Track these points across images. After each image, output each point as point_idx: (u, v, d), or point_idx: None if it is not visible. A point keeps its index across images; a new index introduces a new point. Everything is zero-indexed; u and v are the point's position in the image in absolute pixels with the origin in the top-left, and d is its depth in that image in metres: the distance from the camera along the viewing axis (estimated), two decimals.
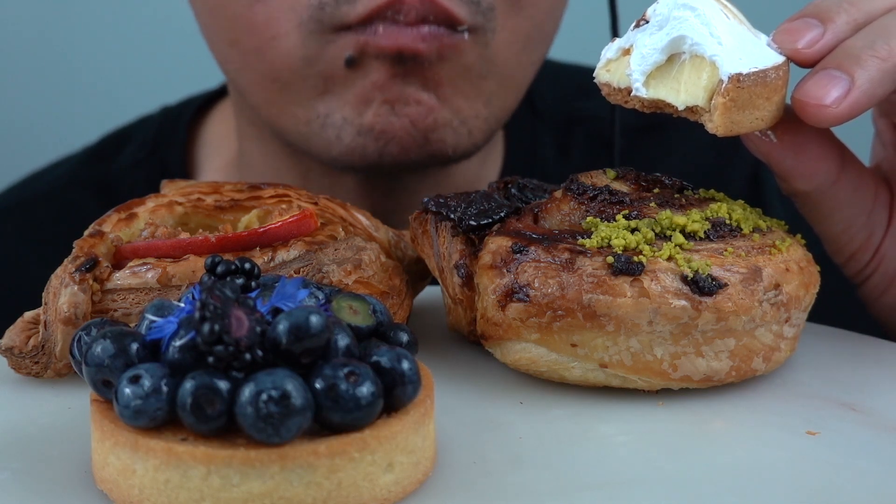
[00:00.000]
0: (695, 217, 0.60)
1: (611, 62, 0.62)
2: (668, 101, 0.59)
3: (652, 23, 0.60)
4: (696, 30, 0.59)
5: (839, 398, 0.59)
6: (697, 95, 0.59)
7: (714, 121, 0.58)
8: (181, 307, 0.49)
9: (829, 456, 0.53)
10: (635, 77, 0.60)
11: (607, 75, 0.62)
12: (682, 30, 0.59)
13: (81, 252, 0.61)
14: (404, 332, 0.52)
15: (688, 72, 0.59)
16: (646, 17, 0.60)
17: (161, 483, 0.46)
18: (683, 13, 0.59)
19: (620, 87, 0.61)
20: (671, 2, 0.60)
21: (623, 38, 0.61)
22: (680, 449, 0.54)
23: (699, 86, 0.59)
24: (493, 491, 0.50)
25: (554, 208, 0.62)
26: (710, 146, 1.02)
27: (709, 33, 0.59)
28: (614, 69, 0.61)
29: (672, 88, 0.59)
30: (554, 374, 0.59)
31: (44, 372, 0.60)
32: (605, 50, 0.62)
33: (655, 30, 0.59)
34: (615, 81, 0.61)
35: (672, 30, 0.59)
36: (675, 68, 0.60)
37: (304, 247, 0.61)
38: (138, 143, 1.03)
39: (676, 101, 0.59)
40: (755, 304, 0.57)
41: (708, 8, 0.59)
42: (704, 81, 0.58)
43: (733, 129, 0.59)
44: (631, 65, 0.60)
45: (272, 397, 0.45)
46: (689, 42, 0.59)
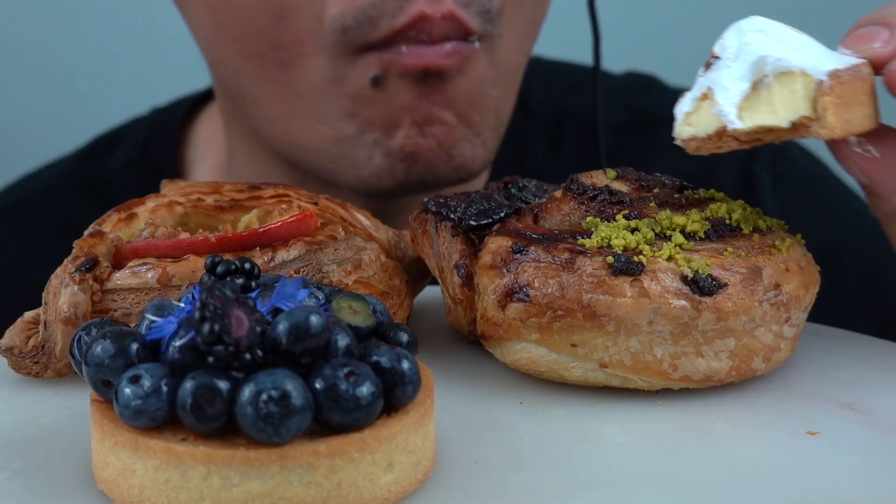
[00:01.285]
0: (695, 217, 0.60)
1: (689, 115, 0.59)
2: (770, 125, 0.57)
3: (724, 57, 0.58)
4: (773, 46, 0.57)
5: (839, 398, 0.59)
6: (799, 107, 0.56)
7: (828, 123, 0.55)
8: (181, 307, 0.49)
9: (829, 456, 0.53)
10: (727, 111, 0.57)
11: (690, 129, 0.59)
12: (760, 50, 0.57)
13: (81, 252, 0.61)
14: (404, 332, 0.52)
15: (777, 91, 0.57)
16: (715, 55, 0.59)
17: (161, 483, 0.46)
18: (754, 37, 0.57)
19: (710, 133, 0.58)
20: (737, 32, 0.58)
21: (695, 88, 0.59)
22: (680, 449, 0.54)
23: (797, 98, 0.56)
24: (493, 491, 0.50)
25: (554, 208, 0.62)
26: None
27: (786, 47, 0.57)
28: (695, 121, 0.59)
29: (768, 112, 0.57)
30: (554, 374, 0.59)
31: (44, 372, 0.60)
32: (679, 106, 0.60)
33: (731, 62, 0.58)
34: (701, 131, 0.58)
35: (749, 55, 0.57)
36: (763, 93, 0.57)
37: (304, 247, 0.61)
38: (129, 144, 1.03)
39: (778, 121, 0.57)
40: (755, 304, 0.57)
41: (774, 27, 0.58)
42: (801, 92, 0.56)
43: (848, 128, 0.56)
44: (718, 102, 0.57)
45: (272, 397, 0.45)
46: (771, 60, 0.57)
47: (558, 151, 1.03)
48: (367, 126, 0.81)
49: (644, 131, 1.05)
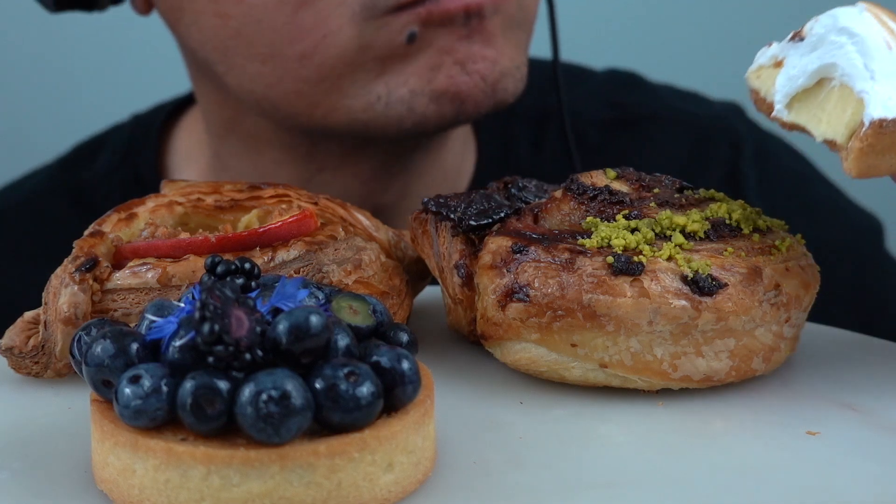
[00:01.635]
0: (695, 217, 0.60)
1: (763, 69, 0.59)
2: (808, 129, 0.56)
3: (806, 41, 0.56)
4: (850, 59, 0.55)
5: (839, 398, 0.59)
6: (838, 131, 0.55)
7: (848, 163, 0.54)
8: (181, 307, 0.49)
9: (829, 456, 0.53)
10: (779, 98, 0.57)
11: (757, 81, 0.59)
12: (836, 57, 0.55)
13: (81, 252, 0.61)
14: (404, 332, 0.52)
15: (834, 102, 0.56)
16: (802, 34, 0.57)
17: (161, 483, 0.46)
18: (840, 38, 0.55)
19: (767, 100, 0.58)
20: (830, 23, 0.56)
21: (777, 48, 0.58)
22: (680, 449, 0.54)
23: (842, 120, 0.55)
24: (493, 491, 0.50)
25: (554, 208, 0.62)
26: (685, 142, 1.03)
27: (863, 65, 0.55)
28: (765, 77, 0.59)
29: (814, 115, 0.56)
30: (554, 374, 0.59)
31: (44, 372, 0.60)
32: (759, 54, 0.59)
33: (808, 51, 0.56)
34: (763, 91, 0.59)
35: (825, 55, 0.56)
36: (823, 94, 0.56)
37: (304, 247, 0.61)
38: (111, 151, 1.03)
39: (816, 132, 0.56)
40: (755, 304, 0.57)
41: (870, 35, 0.55)
42: (848, 117, 0.55)
43: (869, 172, 0.55)
44: (776, 83, 0.57)
45: (272, 397, 0.45)
46: (840, 71, 0.55)
47: (541, 150, 1.03)
48: (397, 82, 0.83)
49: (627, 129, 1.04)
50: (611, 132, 1.04)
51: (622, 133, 1.04)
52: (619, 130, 1.04)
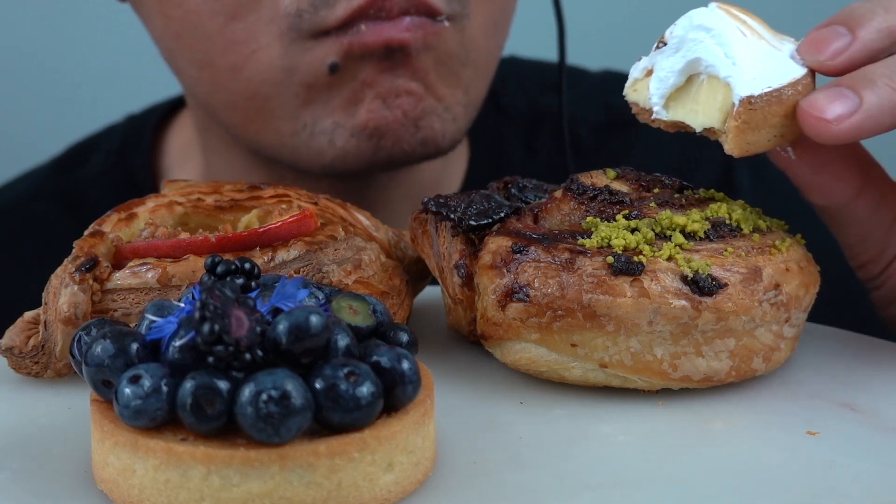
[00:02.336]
0: (695, 217, 0.60)
1: (637, 82, 0.62)
2: (687, 123, 0.60)
3: (669, 45, 0.60)
4: (711, 51, 0.59)
5: (839, 398, 0.59)
6: (713, 117, 0.59)
7: (728, 143, 0.58)
8: (181, 307, 0.49)
9: (829, 456, 0.53)
10: (655, 101, 0.60)
11: (635, 95, 0.62)
12: (697, 52, 0.59)
13: (81, 252, 0.61)
14: (404, 332, 0.52)
15: (705, 93, 0.59)
16: (664, 40, 0.61)
17: (161, 483, 0.46)
18: (698, 35, 0.59)
19: (646, 108, 0.61)
20: (687, 24, 0.60)
21: (646, 59, 0.62)
22: (680, 449, 0.54)
23: (715, 107, 0.59)
24: (493, 491, 0.50)
25: (554, 208, 0.62)
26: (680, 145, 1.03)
27: (723, 54, 0.58)
28: (640, 89, 0.62)
29: (691, 110, 0.60)
30: (554, 374, 0.59)
31: (44, 372, 0.60)
32: (632, 70, 0.62)
33: (672, 52, 0.60)
34: (641, 101, 0.62)
35: (688, 52, 0.59)
36: (694, 89, 0.60)
37: (304, 247, 0.61)
38: (104, 153, 1.03)
39: (694, 123, 0.60)
40: (755, 304, 0.57)
41: (724, 26, 0.59)
42: (720, 103, 0.59)
43: (749, 149, 0.59)
44: (650, 88, 0.61)
45: (272, 397, 0.45)
46: (704, 64, 0.59)
47: (534, 152, 1.03)
48: (323, 112, 0.81)
49: (621, 130, 1.04)
50: (605, 134, 1.04)
51: (616, 135, 1.04)
52: (612, 132, 1.04)
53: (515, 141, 1.03)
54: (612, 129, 1.04)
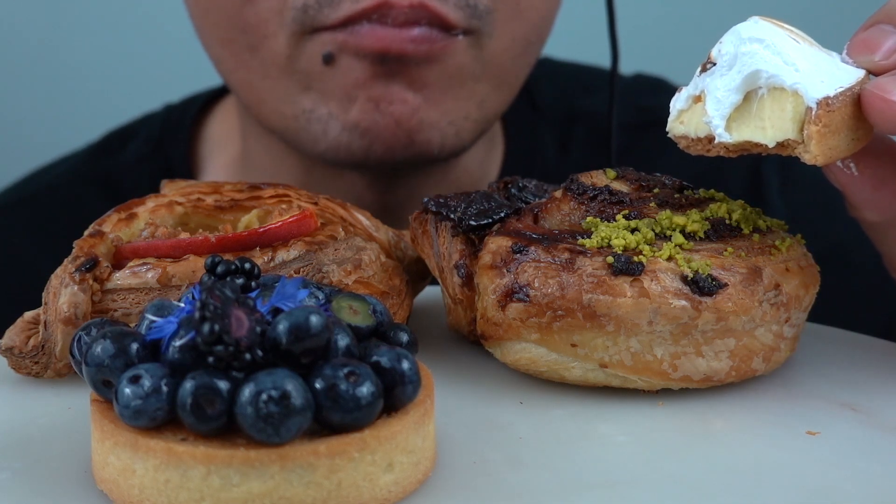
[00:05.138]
0: (695, 217, 0.60)
1: (683, 113, 0.59)
2: (756, 141, 0.56)
3: (720, 64, 0.57)
4: (769, 61, 0.56)
5: (839, 398, 0.59)
6: (786, 129, 0.56)
7: (811, 151, 0.55)
8: (181, 307, 0.49)
9: (829, 456, 0.53)
10: (715, 123, 0.57)
11: (682, 127, 0.59)
12: (755, 64, 0.56)
13: (81, 252, 0.61)
14: (404, 332, 0.52)
15: (769, 106, 0.56)
16: (711, 60, 0.58)
17: (161, 483, 0.46)
18: (751, 47, 0.56)
19: (700, 137, 0.58)
20: (735, 39, 0.57)
21: (690, 86, 0.59)
22: (680, 449, 0.54)
23: (785, 118, 0.56)
24: (493, 491, 0.50)
25: (554, 208, 0.62)
26: None
27: (782, 62, 0.56)
28: (688, 119, 0.59)
29: (757, 127, 0.56)
30: (554, 374, 0.59)
31: (44, 372, 0.60)
32: (674, 101, 0.60)
33: (726, 70, 0.57)
34: (692, 132, 0.58)
35: (744, 66, 0.56)
36: (755, 105, 0.57)
37: (304, 247, 0.61)
38: (143, 140, 1.04)
39: (765, 139, 0.56)
40: (755, 304, 0.57)
41: (775, 36, 0.56)
42: (790, 113, 0.56)
43: (832, 154, 0.56)
44: (708, 111, 0.57)
45: (272, 397, 0.45)
46: (765, 75, 0.56)
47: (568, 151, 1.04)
48: (321, 100, 0.82)
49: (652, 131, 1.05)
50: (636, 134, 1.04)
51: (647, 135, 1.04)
52: (644, 133, 1.04)
53: (550, 140, 1.04)
54: (644, 129, 1.05)
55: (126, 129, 1.08)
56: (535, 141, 1.03)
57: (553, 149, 1.04)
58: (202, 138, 1.03)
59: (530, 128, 1.02)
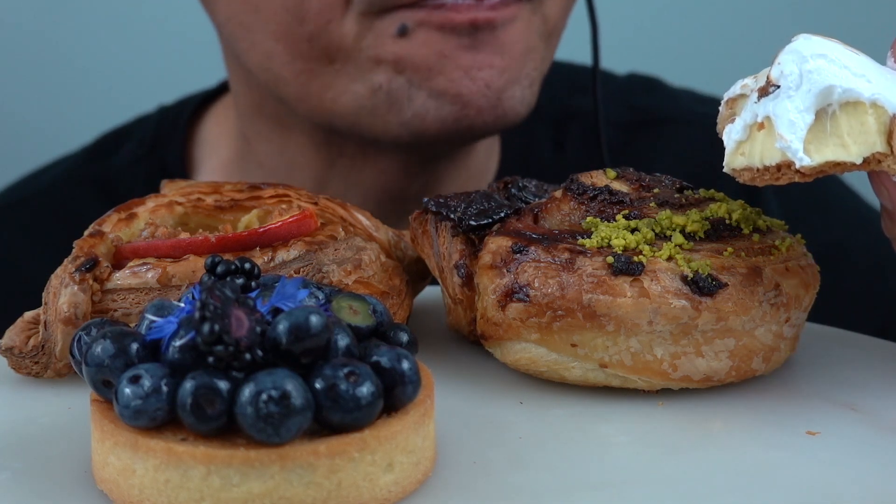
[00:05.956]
0: (695, 217, 0.60)
1: (742, 144, 0.56)
2: (840, 160, 0.54)
3: (784, 86, 0.54)
4: (839, 75, 0.54)
5: (839, 398, 0.59)
6: (873, 142, 0.54)
7: None
8: (181, 307, 0.49)
9: (829, 456, 0.53)
10: (795, 147, 0.54)
11: (743, 159, 0.56)
12: (826, 80, 0.54)
13: (81, 252, 0.61)
14: (404, 332, 0.52)
15: (846, 122, 0.54)
16: (773, 83, 0.55)
17: (161, 483, 0.46)
18: (817, 63, 0.54)
19: (769, 165, 0.55)
20: (796, 58, 0.54)
21: (747, 115, 0.56)
22: (680, 449, 0.54)
23: (869, 131, 0.54)
24: (493, 491, 0.50)
25: (554, 208, 0.62)
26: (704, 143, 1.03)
27: (852, 75, 0.54)
28: (749, 150, 0.56)
29: (837, 145, 0.54)
30: (554, 374, 0.59)
31: (44, 372, 0.60)
32: (728, 134, 0.57)
33: (793, 91, 0.54)
34: (758, 161, 0.55)
35: (813, 85, 0.54)
36: (828, 124, 0.54)
37: (304, 247, 0.61)
38: (137, 141, 1.04)
39: (849, 157, 0.54)
40: (755, 304, 0.57)
41: (835, 50, 0.54)
42: (874, 125, 0.54)
43: None
44: (783, 136, 0.54)
45: (272, 397, 0.45)
46: (839, 90, 0.54)
47: (563, 151, 1.04)
48: (395, 70, 0.83)
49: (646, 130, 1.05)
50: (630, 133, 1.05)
51: (641, 134, 1.05)
52: (638, 132, 1.05)
53: (545, 139, 1.05)
54: (638, 128, 1.06)
55: (120, 130, 1.08)
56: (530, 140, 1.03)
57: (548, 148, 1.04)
58: (197, 140, 1.03)
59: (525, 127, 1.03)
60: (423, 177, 0.93)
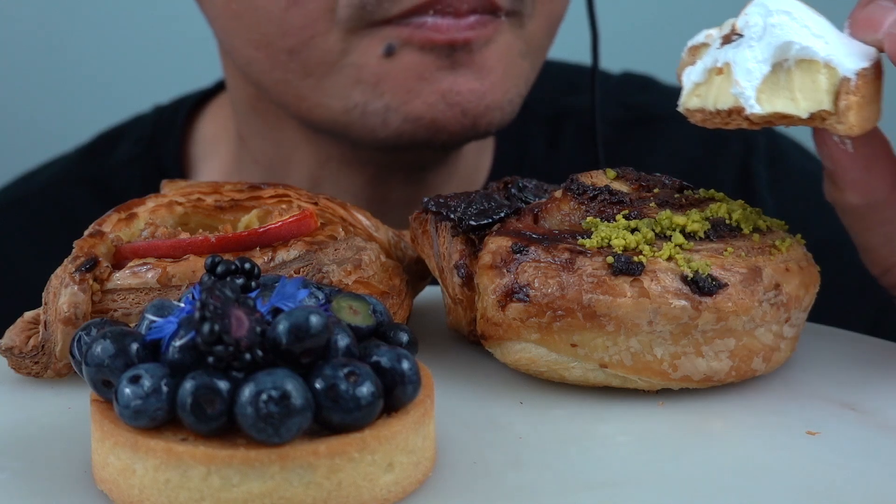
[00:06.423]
0: (695, 217, 0.60)
1: (699, 86, 0.59)
2: (787, 112, 0.56)
3: (748, 35, 0.57)
4: (799, 33, 0.56)
5: (839, 398, 0.59)
6: (820, 100, 0.56)
7: (848, 121, 0.55)
8: (181, 307, 0.49)
9: (829, 456, 0.53)
10: (748, 94, 0.56)
11: (698, 101, 0.59)
12: (786, 35, 0.56)
13: (81, 252, 0.61)
14: (404, 332, 0.52)
15: (799, 78, 0.56)
16: (737, 31, 0.57)
17: (161, 483, 0.46)
18: (780, 19, 0.56)
19: (721, 109, 0.58)
20: (761, 10, 0.57)
21: (707, 59, 0.58)
22: (680, 449, 0.54)
23: (819, 90, 0.56)
24: (493, 491, 0.50)
25: (554, 208, 0.62)
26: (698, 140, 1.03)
27: (811, 34, 0.56)
28: (705, 93, 0.58)
29: (787, 98, 0.57)
30: (554, 374, 0.59)
31: (44, 372, 0.60)
32: (687, 74, 0.59)
33: (755, 41, 0.57)
34: (710, 105, 0.58)
35: (774, 38, 0.56)
36: (782, 76, 0.57)
37: (304, 247, 0.61)
38: (133, 141, 1.04)
39: (797, 111, 0.56)
40: (755, 304, 0.57)
41: (799, 9, 0.57)
42: (824, 84, 0.56)
43: (865, 125, 0.57)
44: (739, 83, 0.57)
45: (272, 397, 0.45)
46: (796, 47, 0.56)
47: (557, 150, 1.04)
48: (373, 94, 0.82)
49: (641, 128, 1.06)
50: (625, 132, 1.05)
51: (636, 132, 1.05)
52: (632, 129, 1.05)
53: (539, 138, 1.05)
54: (632, 126, 1.06)
55: (115, 130, 1.08)
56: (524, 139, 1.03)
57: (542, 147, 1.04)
58: (194, 139, 1.03)
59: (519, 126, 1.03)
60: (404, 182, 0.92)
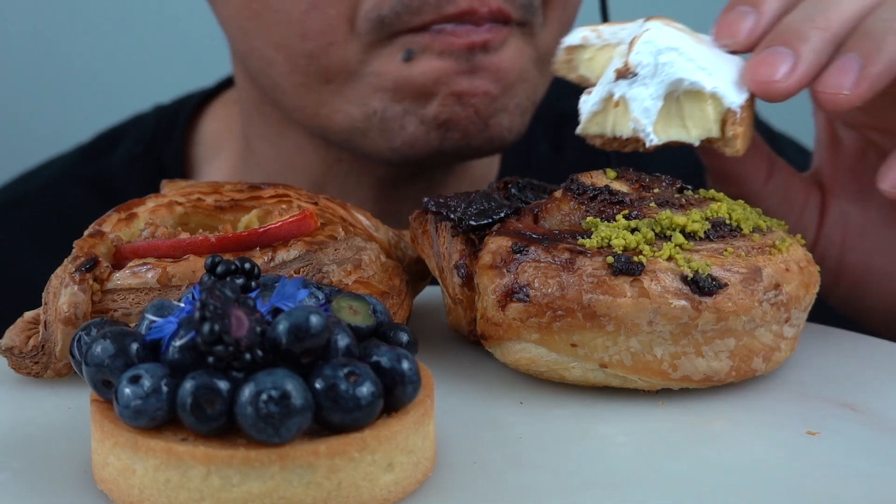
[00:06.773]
0: (695, 217, 0.60)
1: (596, 115, 0.65)
2: (682, 140, 0.63)
3: (642, 74, 0.63)
4: (686, 68, 0.62)
5: (839, 398, 0.59)
6: (709, 128, 0.63)
7: (736, 146, 0.63)
8: (181, 307, 0.49)
9: (829, 456, 0.53)
10: (647, 130, 0.63)
11: (597, 127, 0.65)
12: (676, 73, 0.62)
13: (81, 252, 0.61)
14: (404, 332, 0.52)
15: (688, 108, 0.63)
16: (631, 70, 0.63)
17: (161, 483, 0.46)
18: (669, 56, 0.62)
19: (619, 136, 0.64)
20: (650, 49, 0.62)
21: (601, 89, 0.64)
22: (680, 449, 0.54)
23: (708, 118, 0.63)
24: (493, 491, 0.50)
25: (554, 208, 0.62)
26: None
27: (697, 67, 0.62)
28: (602, 120, 0.65)
29: (679, 127, 0.63)
30: (554, 374, 0.59)
31: (44, 372, 0.60)
32: (583, 103, 0.65)
33: (649, 80, 0.62)
34: (609, 131, 0.64)
35: (666, 76, 0.62)
36: (673, 107, 0.63)
37: (304, 247, 0.61)
38: (134, 140, 1.04)
39: (689, 138, 0.63)
40: (755, 304, 0.57)
41: (683, 41, 0.62)
42: (712, 114, 0.63)
43: (748, 144, 0.65)
44: (639, 119, 0.63)
45: (272, 397, 0.45)
46: (686, 83, 0.62)
47: (561, 151, 1.05)
48: (393, 98, 0.82)
49: None
50: None
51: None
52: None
53: (543, 140, 1.05)
54: None
55: (116, 130, 1.08)
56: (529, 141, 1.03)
57: (546, 149, 1.04)
58: (196, 140, 1.03)
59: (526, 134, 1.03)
60: (420, 184, 0.93)
